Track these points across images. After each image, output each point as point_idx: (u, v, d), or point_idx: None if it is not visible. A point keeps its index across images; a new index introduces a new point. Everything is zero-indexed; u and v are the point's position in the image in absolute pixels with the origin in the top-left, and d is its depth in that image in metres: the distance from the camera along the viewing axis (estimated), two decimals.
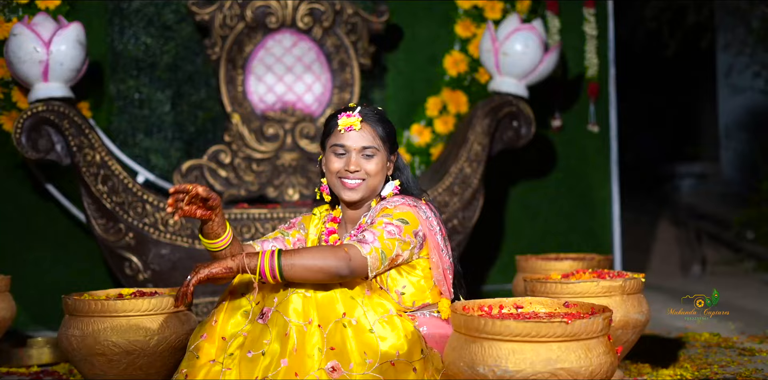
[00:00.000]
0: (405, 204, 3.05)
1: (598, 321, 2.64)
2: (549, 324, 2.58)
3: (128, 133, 5.60)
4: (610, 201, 6.33)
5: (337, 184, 3.13)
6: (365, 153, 3.09)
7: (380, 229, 2.93)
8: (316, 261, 2.80)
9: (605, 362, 2.66)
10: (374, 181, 3.11)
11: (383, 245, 2.90)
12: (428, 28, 5.96)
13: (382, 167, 3.12)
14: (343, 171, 3.10)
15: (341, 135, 3.10)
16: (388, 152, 3.15)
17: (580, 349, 2.61)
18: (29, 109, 4.80)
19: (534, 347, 2.59)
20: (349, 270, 2.83)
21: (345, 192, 3.12)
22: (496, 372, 2.59)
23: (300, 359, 2.74)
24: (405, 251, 2.97)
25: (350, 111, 3.13)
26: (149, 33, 5.63)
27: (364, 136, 3.09)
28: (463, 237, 5.28)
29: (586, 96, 6.22)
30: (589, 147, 6.27)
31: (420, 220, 3.03)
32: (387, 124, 3.16)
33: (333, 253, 2.83)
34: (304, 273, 2.80)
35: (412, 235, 2.98)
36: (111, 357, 3.33)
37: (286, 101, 5.47)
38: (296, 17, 5.41)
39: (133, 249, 4.89)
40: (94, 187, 4.86)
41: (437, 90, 5.81)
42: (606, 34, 6.27)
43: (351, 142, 3.09)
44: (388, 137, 3.14)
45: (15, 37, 4.73)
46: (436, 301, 3.10)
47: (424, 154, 5.74)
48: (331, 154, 3.12)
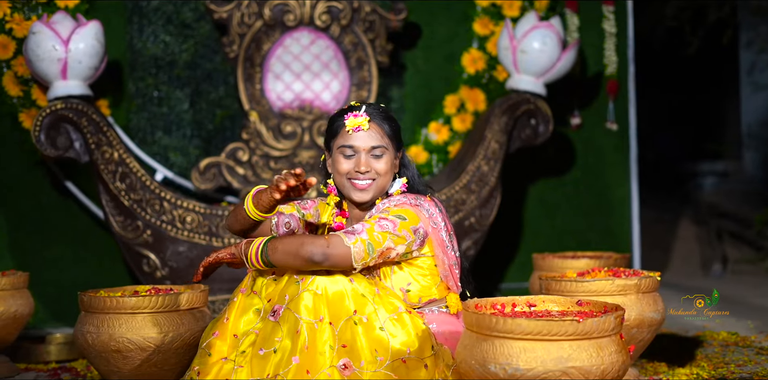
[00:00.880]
0: (406, 203, 3.03)
1: (609, 319, 2.63)
2: (560, 323, 2.57)
3: (147, 131, 5.63)
4: (629, 199, 6.30)
5: (347, 184, 3.10)
6: (374, 153, 3.07)
7: (372, 223, 2.92)
8: (293, 246, 2.83)
9: (617, 361, 2.64)
10: (384, 180, 3.10)
11: (371, 237, 2.88)
12: (446, 25, 5.95)
13: (391, 166, 3.10)
14: (353, 172, 3.07)
15: (349, 136, 3.06)
16: (395, 150, 3.13)
17: (591, 348, 2.60)
18: (48, 107, 4.83)
19: (545, 345, 2.58)
20: (324, 257, 2.81)
21: (356, 193, 3.09)
22: (507, 370, 2.59)
23: (311, 356, 2.75)
24: (399, 245, 2.93)
25: (356, 110, 3.09)
26: (168, 31, 5.65)
27: (373, 135, 3.07)
28: (481, 235, 5.28)
29: (605, 94, 6.20)
30: (608, 145, 6.25)
31: (421, 218, 3.01)
32: (393, 122, 3.14)
33: (312, 240, 2.83)
34: (282, 257, 2.85)
35: (410, 231, 2.95)
36: (126, 354, 3.35)
37: (304, 99, 5.48)
38: (314, 15, 5.42)
39: (150, 246, 4.92)
40: (112, 185, 4.89)
41: (455, 88, 5.80)
42: (625, 31, 6.25)
43: (360, 143, 3.06)
44: (395, 135, 3.13)
45: (34, 36, 4.77)
46: (443, 296, 3.09)
47: (442, 152, 5.73)
48: (339, 155, 3.09)
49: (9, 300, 4.27)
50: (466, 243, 5.23)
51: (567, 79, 5.69)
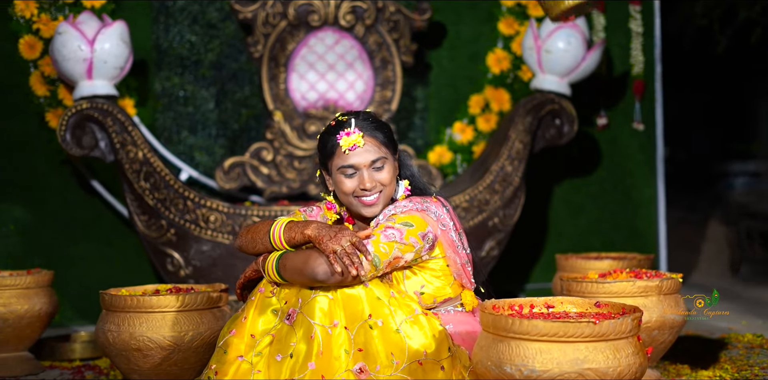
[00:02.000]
0: (412, 209, 2.98)
1: (626, 321, 2.61)
2: (576, 324, 2.55)
3: (173, 130, 5.66)
4: (656, 199, 6.26)
5: (354, 202, 3.03)
6: (375, 166, 2.99)
7: (378, 233, 2.88)
8: (299, 266, 2.82)
9: (634, 363, 2.63)
10: (390, 188, 3.03)
11: (377, 249, 2.84)
12: (471, 25, 5.95)
13: (394, 173, 3.04)
14: (358, 190, 3.00)
15: (347, 155, 2.98)
16: (393, 154, 3.06)
17: (608, 350, 2.59)
18: (73, 107, 4.87)
19: (561, 347, 2.57)
20: (327, 276, 2.78)
21: (365, 209, 3.03)
22: (523, 371, 2.58)
23: (326, 361, 2.75)
24: (407, 253, 2.90)
25: (346, 127, 2.99)
26: (194, 31, 5.68)
27: (370, 149, 2.98)
28: (504, 235, 5.26)
29: (632, 94, 6.16)
30: (634, 145, 6.22)
31: (429, 222, 2.97)
32: (384, 127, 3.06)
33: (316, 258, 2.80)
34: (290, 276, 2.85)
35: (417, 238, 2.91)
36: (146, 352, 3.37)
37: (328, 99, 5.49)
38: (338, 15, 5.43)
39: (174, 245, 4.94)
40: (137, 184, 4.92)
41: (480, 88, 5.79)
42: (652, 31, 6.21)
43: (359, 160, 2.98)
44: (390, 140, 3.05)
45: (60, 36, 4.80)
46: (457, 294, 3.06)
47: (466, 152, 5.73)
48: (340, 175, 3.00)
49: (33, 298, 4.31)
50: (490, 244, 5.21)
51: (593, 79, 5.67)
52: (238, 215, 4.97)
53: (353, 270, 2.78)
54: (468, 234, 4.99)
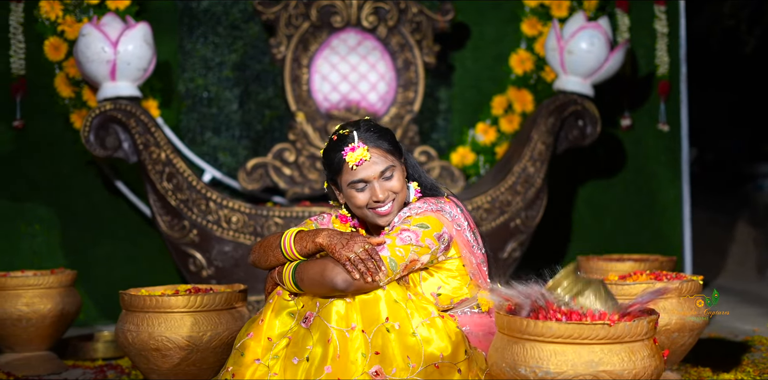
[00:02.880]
0: (427, 210, 2.98)
1: (642, 323, 2.60)
2: (591, 326, 2.54)
3: (197, 131, 5.69)
4: (681, 201, 6.22)
5: (369, 214, 3.03)
6: (385, 176, 2.98)
7: (393, 237, 2.88)
8: (316, 276, 2.82)
9: (650, 365, 2.61)
10: (402, 195, 3.03)
11: (393, 253, 2.84)
12: (495, 26, 5.94)
13: (403, 178, 3.03)
14: (372, 202, 3.00)
15: (355, 171, 2.96)
16: (400, 159, 3.05)
17: (623, 352, 2.57)
18: (97, 108, 4.90)
19: (576, 349, 2.56)
20: (347, 284, 2.78)
21: (380, 219, 3.02)
22: (538, 373, 2.57)
23: (343, 365, 2.75)
24: (423, 256, 2.90)
25: (350, 142, 2.96)
26: (217, 32, 5.71)
27: (377, 160, 2.96)
28: (526, 236, 5.25)
29: (657, 95, 6.13)
30: (658, 146, 6.18)
31: (444, 223, 2.96)
32: (387, 134, 3.03)
33: (333, 267, 2.80)
34: (309, 288, 2.85)
35: (433, 239, 2.91)
36: (164, 352, 3.39)
37: (351, 100, 5.50)
38: (361, 16, 5.44)
39: (197, 245, 4.97)
40: (160, 185, 4.95)
41: (503, 88, 5.78)
42: (677, 31, 6.17)
43: (368, 173, 2.96)
44: (395, 146, 3.03)
45: (84, 38, 4.84)
46: (474, 295, 3.05)
47: (489, 153, 5.72)
48: (351, 190, 2.99)
49: (56, 297, 4.34)
50: (512, 245, 5.20)
51: (617, 80, 5.64)
52: (259, 216, 4.99)
53: (369, 276, 2.79)
54: (490, 236, 5.04)
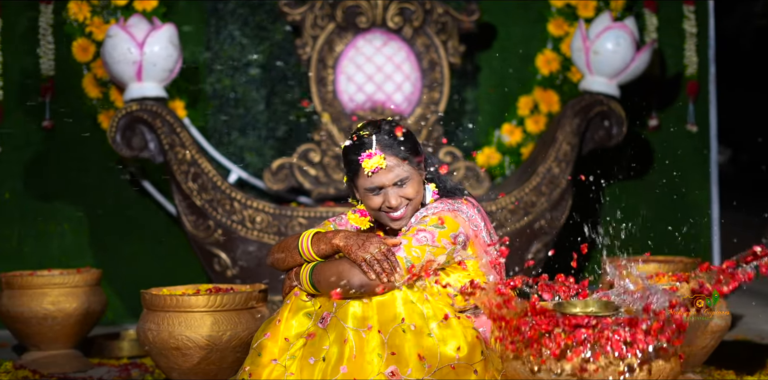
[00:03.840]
0: (444, 210, 2.98)
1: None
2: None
3: (223, 132, 5.72)
4: (709, 202, 6.18)
5: (382, 216, 3.04)
6: (399, 183, 2.97)
7: (409, 237, 2.88)
8: (333, 278, 2.83)
9: (665, 368, 2.60)
10: (417, 199, 3.02)
11: (408, 253, 2.84)
12: (521, 26, 5.93)
13: (420, 183, 3.03)
14: (385, 207, 3.00)
15: (370, 178, 2.96)
16: (417, 163, 3.03)
17: None
18: (123, 109, 4.95)
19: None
20: (362, 284, 2.80)
21: (393, 223, 3.03)
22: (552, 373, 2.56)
23: (359, 365, 2.75)
24: (439, 256, 2.90)
25: (368, 148, 2.96)
26: (244, 33, 5.74)
27: (392, 168, 2.96)
28: (551, 237, 5.23)
29: (686, 95, 6.09)
30: (687, 147, 6.14)
31: (461, 223, 2.96)
32: (406, 140, 3.01)
33: (349, 269, 2.82)
34: (326, 289, 2.86)
35: (449, 240, 2.91)
36: (185, 351, 3.41)
37: (376, 100, 5.50)
38: (386, 17, 5.44)
39: (221, 245, 5.00)
40: (185, 185, 4.98)
41: (529, 89, 5.77)
42: (706, 31, 6.12)
43: (383, 180, 2.96)
44: (413, 152, 3.01)
45: (110, 39, 4.88)
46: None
47: (515, 154, 5.70)
48: (367, 193, 3.00)
49: (82, 296, 4.40)
50: (536, 246, 5.19)
51: (645, 80, 5.61)
52: (283, 216, 5.01)
53: (384, 276, 2.80)
54: (514, 236, 5.03)
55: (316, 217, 4.99)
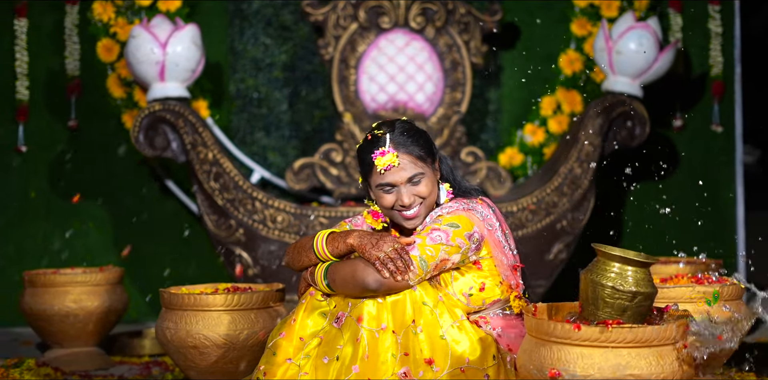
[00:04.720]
0: (459, 209, 2.97)
1: (671, 327, 2.57)
2: (618, 330, 2.52)
3: (246, 131, 5.75)
4: (735, 203, 6.13)
5: (395, 215, 3.03)
6: (412, 181, 2.97)
7: (423, 236, 2.87)
8: (348, 277, 2.83)
9: (679, 370, 2.59)
10: (430, 199, 3.01)
11: (423, 252, 2.83)
12: (545, 26, 5.91)
13: (434, 183, 3.02)
14: (398, 205, 2.99)
15: (383, 175, 2.94)
16: (432, 163, 3.02)
17: (651, 356, 2.55)
18: (146, 108, 4.98)
19: (603, 352, 2.54)
20: (379, 284, 2.79)
21: (407, 222, 3.02)
22: (564, 376, 2.56)
23: (372, 365, 2.76)
24: (454, 255, 2.89)
25: (381, 145, 2.93)
26: (268, 33, 5.76)
27: (406, 167, 2.94)
28: (573, 238, 5.21)
29: (711, 95, 6.04)
30: (712, 147, 6.09)
31: (476, 222, 2.95)
32: (420, 139, 3.00)
33: (364, 268, 2.82)
34: (341, 289, 2.86)
35: (464, 239, 2.90)
36: (202, 350, 3.43)
37: (398, 100, 5.51)
38: (409, 17, 5.44)
39: (243, 245, 5.02)
40: (207, 184, 5.01)
41: (552, 89, 5.75)
42: (732, 31, 6.08)
43: (395, 178, 2.95)
44: (427, 151, 3.00)
45: (134, 39, 4.92)
46: (506, 296, 3.04)
47: (537, 154, 5.69)
48: (379, 191, 2.99)
49: (104, 295, 4.43)
50: (558, 247, 5.17)
51: (670, 80, 5.57)
52: (304, 216, 5.02)
53: (398, 275, 2.80)
54: (535, 237, 5.03)
55: (336, 217, 5.00)
